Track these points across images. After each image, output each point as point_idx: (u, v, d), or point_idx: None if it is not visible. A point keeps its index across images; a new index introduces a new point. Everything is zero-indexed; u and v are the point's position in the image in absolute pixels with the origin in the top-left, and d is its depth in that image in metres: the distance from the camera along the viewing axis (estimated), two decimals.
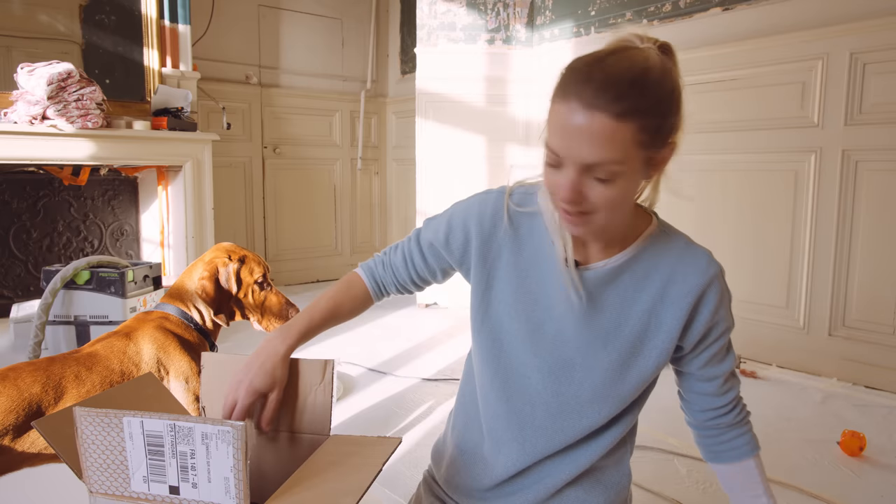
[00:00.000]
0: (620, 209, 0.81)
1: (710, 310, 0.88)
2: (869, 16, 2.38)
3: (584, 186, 0.77)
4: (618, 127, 0.73)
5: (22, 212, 3.20)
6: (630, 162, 0.76)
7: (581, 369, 0.91)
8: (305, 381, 1.00)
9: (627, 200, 0.81)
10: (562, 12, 3.56)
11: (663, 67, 0.76)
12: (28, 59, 2.73)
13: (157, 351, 1.40)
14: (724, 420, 0.96)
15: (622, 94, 0.73)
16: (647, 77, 0.74)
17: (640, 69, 0.74)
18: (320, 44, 4.60)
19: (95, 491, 0.76)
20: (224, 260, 1.56)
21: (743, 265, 2.83)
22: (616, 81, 0.73)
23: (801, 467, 1.79)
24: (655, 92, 0.75)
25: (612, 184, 0.76)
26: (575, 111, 0.74)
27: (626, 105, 0.73)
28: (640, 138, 0.75)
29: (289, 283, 4.53)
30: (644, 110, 0.74)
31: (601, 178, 0.76)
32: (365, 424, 2.09)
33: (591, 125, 0.73)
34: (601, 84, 0.73)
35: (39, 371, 1.24)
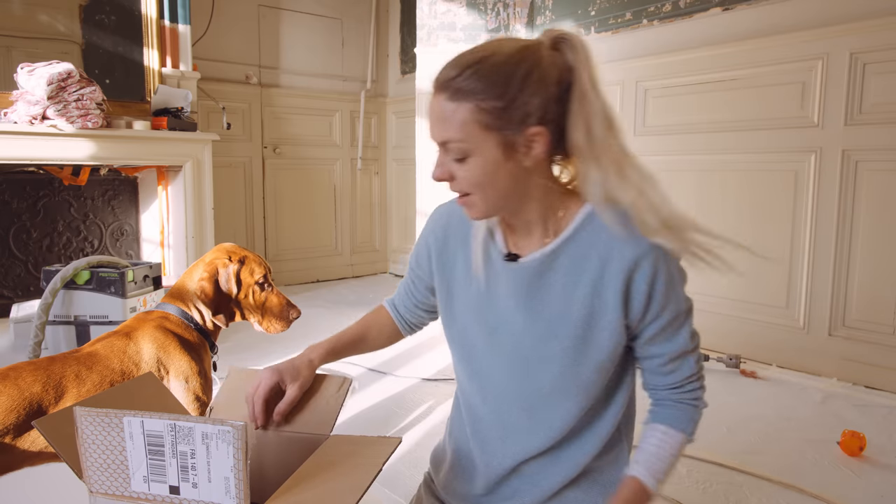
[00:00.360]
0: (493, 188, 0.84)
1: (645, 281, 0.86)
2: (869, 16, 2.38)
3: (449, 166, 0.85)
4: (454, 107, 0.81)
5: (22, 212, 3.20)
6: (474, 141, 0.81)
7: (537, 362, 0.91)
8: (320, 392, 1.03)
9: (498, 181, 0.84)
10: (562, 12, 3.56)
11: (520, 56, 0.81)
12: (28, 59, 2.73)
13: (157, 350, 1.40)
14: (666, 395, 0.95)
15: (456, 77, 0.80)
16: (486, 62, 0.80)
17: (481, 55, 0.81)
18: (320, 44, 4.60)
19: (95, 491, 0.76)
20: (224, 261, 1.56)
21: (743, 265, 2.83)
22: (455, 66, 0.81)
23: (801, 467, 1.79)
24: (492, 76, 0.80)
25: (466, 162, 0.83)
26: (431, 96, 0.85)
27: (459, 86, 0.80)
28: (480, 118, 0.80)
29: (289, 283, 4.53)
30: (476, 91, 0.80)
31: (455, 158, 0.84)
32: (365, 424, 2.09)
33: (435, 107, 0.83)
34: (445, 69, 0.82)
35: (40, 370, 1.24)
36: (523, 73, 0.80)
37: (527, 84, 0.80)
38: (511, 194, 0.86)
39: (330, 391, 1.04)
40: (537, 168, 0.86)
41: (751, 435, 2.02)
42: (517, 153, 0.83)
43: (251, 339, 2.96)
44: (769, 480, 1.71)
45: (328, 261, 4.79)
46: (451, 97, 0.81)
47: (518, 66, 0.80)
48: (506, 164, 0.83)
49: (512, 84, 0.80)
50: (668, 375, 0.93)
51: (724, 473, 1.76)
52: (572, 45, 0.84)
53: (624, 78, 3.22)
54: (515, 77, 0.80)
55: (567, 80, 0.83)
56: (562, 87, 0.82)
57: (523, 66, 0.80)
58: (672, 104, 3.04)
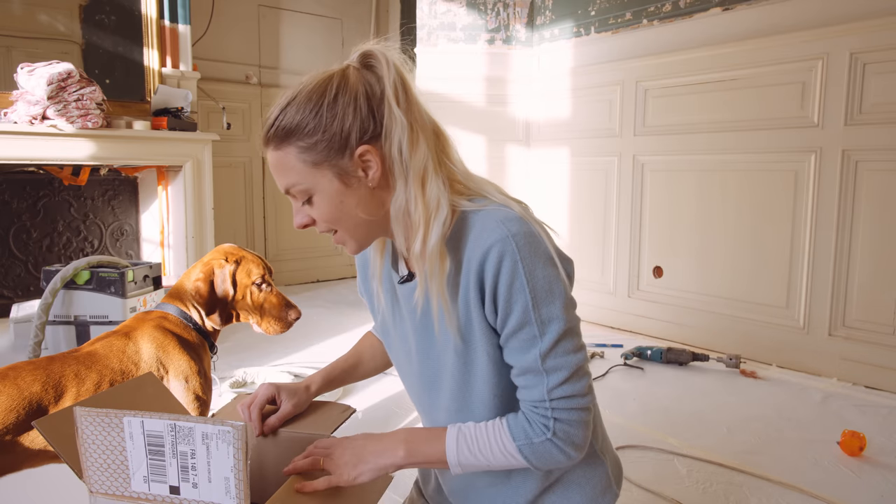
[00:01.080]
0: (350, 220, 0.84)
1: (491, 274, 0.77)
2: (869, 16, 2.38)
3: (304, 211, 0.85)
4: (281, 155, 0.82)
5: (22, 212, 3.20)
6: (310, 180, 0.81)
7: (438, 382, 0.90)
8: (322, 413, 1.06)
9: (349, 212, 0.83)
10: (562, 12, 3.56)
11: (325, 83, 0.81)
12: (28, 59, 2.73)
13: (156, 350, 1.40)
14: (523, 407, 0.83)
15: (273, 125, 0.81)
16: (295, 100, 0.81)
17: (291, 95, 0.82)
18: (320, 44, 4.60)
19: (96, 491, 0.76)
20: (220, 262, 1.55)
21: (743, 265, 2.83)
22: (272, 113, 0.82)
23: (801, 467, 1.79)
24: (302, 111, 0.80)
25: (314, 203, 0.83)
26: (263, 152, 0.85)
27: (276, 133, 0.81)
28: (305, 157, 0.80)
29: (289, 283, 4.53)
30: (292, 132, 0.80)
31: (302, 201, 0.84)
32: (365, 424, 2.09)
33: (270, 159, 0.84)
34: (266, 122, 0.83)
35: (39, 370, 1.24)
36: (330, 100, 0.80)
37: (335, 109, 0.79)
38: (370, 221, 0.85)
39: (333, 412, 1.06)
40: (388, 184, 0.83)
41: (751, 435, 2.02)
42: (355, 178, 0.81)
43: (251, 340, 2.96)
44: (769, 480, 1.71)
45: (328, 261, 4.79)
46: (276, 146, 0.82)
47: (324, 94, 0.80)
48: (349, 193, 0.82)
49: (321, 114, 0.79)
50: (521, 390, 0.82)
51: (724, 473, 1.76)
52: (376, 58, 0.82)
53: (624, 78, 3.22)
54: (323, 106, 0.79)
55: (380, 92, 0.81)
56: (374, 100, 0.80)
57: (329, 92, 0.80)
58: (672, 104, 3.04)
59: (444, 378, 0.88)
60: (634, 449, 1.90)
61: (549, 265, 0.78)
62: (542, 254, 0.78)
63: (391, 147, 0.80)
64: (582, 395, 0.79)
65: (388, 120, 0.80)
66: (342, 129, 0.79)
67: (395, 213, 0.82)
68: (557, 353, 0.78)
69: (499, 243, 0.76)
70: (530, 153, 3.76)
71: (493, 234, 0.77)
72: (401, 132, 0.79)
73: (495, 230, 0.77)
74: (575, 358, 0.79)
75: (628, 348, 2.84)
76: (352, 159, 0.80)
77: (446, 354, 0.87)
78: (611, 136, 3.32)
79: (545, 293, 0.77)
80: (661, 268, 3.14)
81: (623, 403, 2.29)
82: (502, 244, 0.76)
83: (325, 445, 0.88)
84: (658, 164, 3.14)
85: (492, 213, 0.80)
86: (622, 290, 3.34)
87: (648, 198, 3.19)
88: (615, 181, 3.32)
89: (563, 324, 0.78)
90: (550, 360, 0.78)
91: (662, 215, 3.14)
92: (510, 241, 0.76)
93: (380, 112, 0.80)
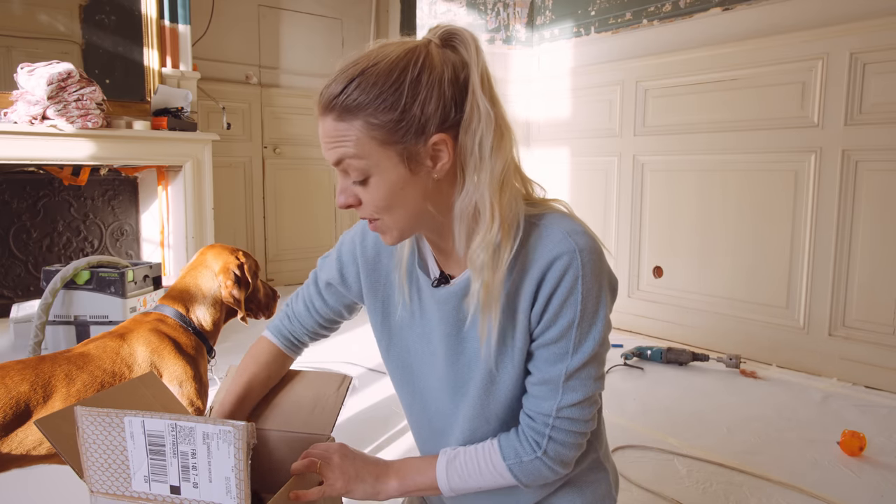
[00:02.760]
0: (403, 209, 0.77)
1: (551, 284, 0.76)
2: (869, 16, 2.38)
3: (352, 191, 0.77)
4: (345, 127, 0.73)
5: (22, 212, 3.20)
6: (372, 160, 0.74)
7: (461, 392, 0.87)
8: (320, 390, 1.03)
9: (407, 200, 0.76)
10: (562, 12, 3.56)
11: (406, 58, 0.73)
12: (28, 59, 2.73)
13: (150, 354, 1.38)
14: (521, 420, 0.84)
15: (340, 94, 0.73)
16: (370, 72, 0.73)
17: (364, 66, 0.73)
18: (320, 44, 4.60)
19: (96, 490, 0.76)
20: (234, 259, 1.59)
21: (743, 265, 2.83)
22: (338, 81, 0.74)
23: (801, 467, 1.79)
24: (379, 86, 0.72)
25: (368, 184, 0.76)
26: (318, 118, 0.76)
27: (344, 103, 0.73)
28: (374, 134, 0.73)
29: (289, 283, 4.52)
30: (364, 105, 0.72)
31: (355, 180, 0.76)
32: (365, 424, 2.09)
33: (325, 127, 0.75)
34: (327, 87, 0.75)
35: (28, 369, 1.22)
36: (413, 77, 0.72)
37: (418, 88, 0.72)
38: (425, 213, 0.78)
39: (329, 390, 1.04)
40: (451, 178, 0.78)
41: (751, 435, 2.02)
42: (423, 166, 0.75)
43: (251, 340, 2.96)
44: (769, 480, 1.71)
45: None
46: (339, 117, 0.73)
47: (406, 70, 0.72)
48: (413, 180, 0.75)
49: (402, 91, 0.72)
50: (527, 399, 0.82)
51: (724, 473, 1.76)
52: (463, 41, 0.75)
53: (624, 78, 3.22)
54: (405, 82, 0.72)
55: (464, 78, 0.74)
56: (457, 87, 0.74)
57: (412, 69, 0.72)
58: (672, 104, 3.04)
59: (471, 385, 0.85)
60: (634, 449, 1.90)
61: (605, 286, 0.78)
62: (602, 273, 0.78)
63: (470, 140, 0.74)
64: (585, 420, 0.80)
65: (471, 110, 0.74)
66: (422, 112, 0.72)
67: (461, 212, 0.77)
68: (581, 376, 0.78)
69: (566, 255, 0.75)
70: (530, 153, 3.76)
71: (561, 246, 0.76)
72: (484, 126, 0.74)
73: (563, 242, 0.76)
74: (594, 385, 0.79)
75: (628, 348, 2.84)
76: (425, 146, 0.74)
77: (478, 362, 0.83)
78: (611, 136, 3.32)
79: (591, 314, 0.77)
80: (661, 268, 3.14)
81: (623, 403, 2.29)
82: (569, 257, 0.75)
83: (324, 449, 0.87)
84: (658, 164, 3.14)
85: (557, 223, 0.78)
86: (622, 290, 3.34)
87: (648, 198, 3.19)
88: (615, 181, 3.32)
89: (595, 347, 0.78)
90: (573, 380, 0.78)
91: (662, 215, 3.14)
92: (577, 255, 0.75)
93: (462, 100, 0.74)
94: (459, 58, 0.75)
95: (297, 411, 1.02)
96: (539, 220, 0.79)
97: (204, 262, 1.58)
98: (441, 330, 0.86)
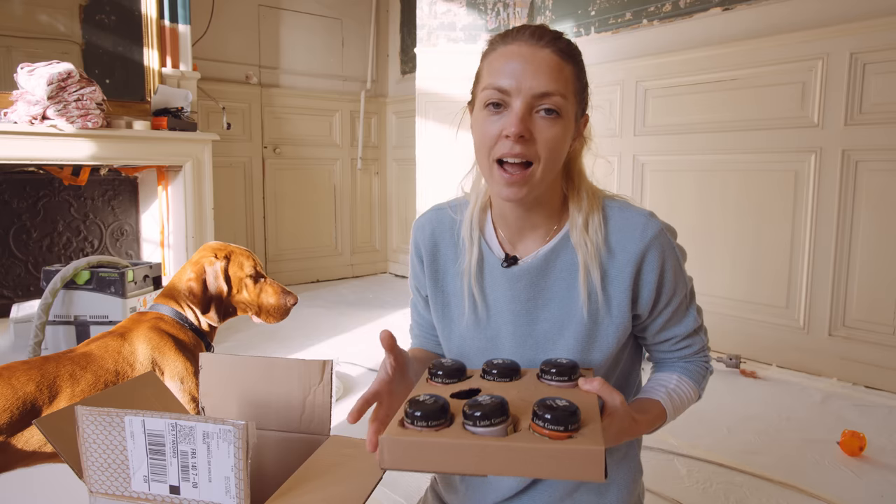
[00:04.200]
0: (558, 159, 0.83)
1: (654, 275, 0.86)
2: (869, 16, 2.38)
3: (530, 124, 0.80)
4: (562, 63, 0.81)
5: (22, 212, 3.20)
6: (570, 103, 0.82)
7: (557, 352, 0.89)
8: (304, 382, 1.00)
9: (562, 153, 0.83)
10: (562, 12, 3.56)
11: None
12: (28, 59, 2.73)
13: (151, 351, 1.40)
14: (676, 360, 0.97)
15: (560, 38, 0.82)
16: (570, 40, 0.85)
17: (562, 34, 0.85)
18: (320, 44, 4.60)
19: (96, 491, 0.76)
20: (210, 259, 1.56)
21: (743, 265, 2.83)
22: (552, 31, 0.83)
23: (801, 467, 1.79)
24: (578, 52, 0.85)
25: (557, 121, 0.80)
26: (523, 47, 0.80)
27: (565, 47, 0.82)
28: (576, 85, 0.83)
29: (289, 283, 4.52)
30: (577, 59, 0.83)
31: (548, 111, 0.79)
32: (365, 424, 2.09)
33: (542, 57, 0.80)
34: (542, 29, 0.82)
35: (34, 370, 1.23)
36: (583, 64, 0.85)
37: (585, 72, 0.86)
38: (557, 174, 0.86)
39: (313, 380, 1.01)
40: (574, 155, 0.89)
41: (751, 435, 2.02)
42: (575, 133, 0.86)
43: (250, 339, 2.96)
44: (769, 480, 1.71)
45: (328, 261, 4.79)
46: (560, 53, 0.81)
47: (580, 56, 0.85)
48: (569, 139, 0.84)
49: (583, 67, 0.85)
50: (679, 351, 0.95)
51: (724, 473, 1.76)
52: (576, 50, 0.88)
53: (624, 78, 3.22)
54: (583, 63, 0.85)
55: None
56: None
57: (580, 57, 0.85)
58: (672, 104, 3.04)
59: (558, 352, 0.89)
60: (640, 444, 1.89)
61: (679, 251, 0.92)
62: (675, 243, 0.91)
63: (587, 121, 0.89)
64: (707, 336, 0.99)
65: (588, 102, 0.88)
66: (586, 90, 0.86)
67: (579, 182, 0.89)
68: (698, 308, 0.95)
69: (660, 236, 0.86)
70: None
71: (651, 229, 0.86)
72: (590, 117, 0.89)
73: (650, 224, 0.86)
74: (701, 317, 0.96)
75: None
76: (581, 117, 0.87)
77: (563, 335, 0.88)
78: (611, 136, 3.32)
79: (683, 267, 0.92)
80: None
81: None
82: (661, 237, 0.86)
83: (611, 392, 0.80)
84: (658, 164, 3.14)
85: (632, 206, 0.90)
86: None
87: (648, 198, 3.19)
88: (615, 181, 3.32)
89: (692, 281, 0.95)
90: (699, 313, 0.95)
91: (662, 215, 3.11)
92: (664, 234, 0.87)
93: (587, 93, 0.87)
94: None
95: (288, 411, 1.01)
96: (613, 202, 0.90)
97: (191, 260, 1.59)
98: (510, 310, 0.90)
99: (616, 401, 0.74)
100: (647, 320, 0.91)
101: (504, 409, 0.63)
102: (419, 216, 1.01)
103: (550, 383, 0.76)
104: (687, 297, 0.92)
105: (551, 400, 0.64)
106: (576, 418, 0.61)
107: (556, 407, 0.62)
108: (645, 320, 0.91)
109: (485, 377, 0.79)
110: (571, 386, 0.75)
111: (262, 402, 1.02)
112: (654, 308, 0.89)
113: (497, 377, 0.77)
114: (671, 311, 0.90)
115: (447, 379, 0.79)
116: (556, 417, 0.60)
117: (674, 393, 0.91)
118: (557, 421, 0.60)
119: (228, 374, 1.00)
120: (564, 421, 0.60)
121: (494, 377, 0.78)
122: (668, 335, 0.93)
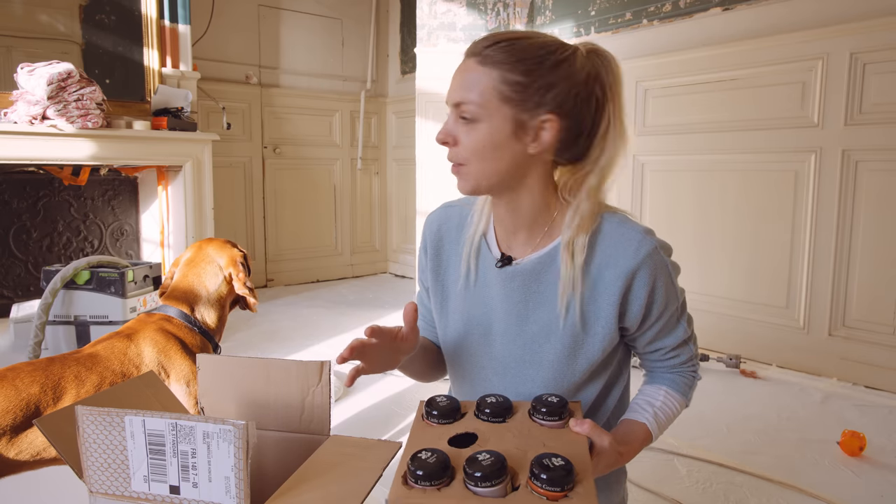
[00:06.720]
0: (492, 162, 0.84)
1: (644, 291, 0.86)
2: (869, 16, 2.38)
3: (454, 130, 0.85)
4: (480, 71, 0.82)
5: (22, 212, 3.20)
6: (489, 108, 0.82)
7: (531, 366, 0.92)
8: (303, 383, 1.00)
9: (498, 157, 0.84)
10: (562, 12, 3.56)
11: (556, 46, 0.83)
12: (28, 59, 2.73)
13: (157, 354, 1.40)
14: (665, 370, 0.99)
15: (489, 46, 0.83)
16: (522, 41, 0.83)
17: (520, 35, 0.84)
18: (320, 44, 4.60)
19: (95, 491, 0.76)
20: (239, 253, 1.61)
21: (743, 265, 2.83)
22: (492, 38, 0.84)
23: (801, 467, 1.79)
24: (524, 53, 0.82)
25: (474, 127, 0.83)
26: (463, 60, 0.86)
27: (489, 54, 0.82)
28: (501, 89, 0.82)
29: (289, 283, 4.52)
30: (504, 62, 0.82)
31: (464, 117, 0.84)
32: (365, 424, 2.09)
33: (465, 68, 0.85)
34: (480, 40, 0.85)
35: (38, 371, 1.23)
36: (555, 60, 0.82)
37: (555, 70, 0.82)
38: (507, 176, 0.86)
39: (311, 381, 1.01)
40: (540, 159, 0.86)
41: (751, 435, 2.02)
42: (526, 136, 0.84)
43: (251, 339, 2.96)
44: (769, 480, 1.71)
45: (328, 261, 4.79)
46: (480, 62, 0.83)
47: (552, 53, 0.82)
48: (511, 143, 0.83)
49: (541, 66, 0.82)
50: (668, 361, 0.97)
51: (724, 473, 1.76)
52: (605, 59, 0.86)
53: (624, 78, 3.21)
54: (546, 61, 0.82)
55: (593, 86, 0.84)
56: (587, 88, 0.84)
57: (557, 54, 0.82)
58: (672, 104, 3.04)
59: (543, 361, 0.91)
60: None
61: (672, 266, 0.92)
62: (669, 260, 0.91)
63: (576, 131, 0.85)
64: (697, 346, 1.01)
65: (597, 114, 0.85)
66: (547, 89, 0.82)
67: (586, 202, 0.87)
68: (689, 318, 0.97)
69: (653, 254, 0.86)
70: None
71: (645, 246, 0.86)
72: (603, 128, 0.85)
73: (645, 242, 0.86)
74: (692, 327, 0.98)
75: None
76: (535, 118, 0.83)
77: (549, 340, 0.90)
78: None
79: (676, 282, 0.92)
80: None
81: None
82: (655, 255, 0.86)
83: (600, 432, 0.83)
84: (658, 164, 3.14)
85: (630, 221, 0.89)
86: None
87: (648, 198, 3.19)
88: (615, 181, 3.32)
89: (684, 294, 0.95)
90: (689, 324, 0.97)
91: (662, 215, 3.13)
92: (658, 252, 0.87)
93: (588, 96, 0.84)
94: (597, 69, 0.85)
95: (289, 412, 1.01)
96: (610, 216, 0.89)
97: (205, 257, 1.58)
98: (503, 308, 0.92)
99: (605, 442, 0.79)
100: (635, 333, 0.92)
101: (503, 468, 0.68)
102: (434, 210, 1.06)
103: (543, 423, 0.80)
104: (678, 311, 0.93)
105: (547, 458, 0.69)
106: (571, 478, 0.67)
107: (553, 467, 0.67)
108: (634, 333, 0.92)
109: (479, 416, 0.83)
110: (561, 425, 0.79)
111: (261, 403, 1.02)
112: (644, 323, 0.90)
113: (491, 417, 0.81)
114: (661, 324, 0.92)
115: (442, 419, 0.84)
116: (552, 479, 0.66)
117: (660, 412, 0.93)
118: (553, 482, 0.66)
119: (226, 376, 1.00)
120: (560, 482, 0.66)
121: (488, 417, 0.82)
122: (657, 346, 0.95)
